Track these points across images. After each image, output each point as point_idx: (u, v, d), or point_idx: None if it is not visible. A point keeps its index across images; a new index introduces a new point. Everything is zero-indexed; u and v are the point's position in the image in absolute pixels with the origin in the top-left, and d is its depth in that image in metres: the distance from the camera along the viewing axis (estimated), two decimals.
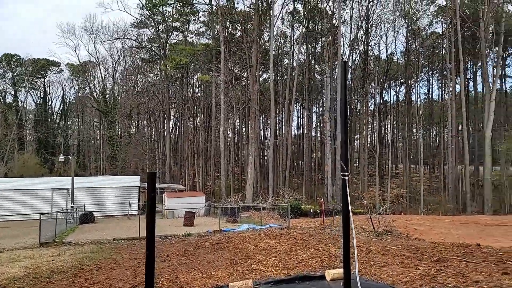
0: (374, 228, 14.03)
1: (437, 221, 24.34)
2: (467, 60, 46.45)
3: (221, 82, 36.58)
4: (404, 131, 51.18)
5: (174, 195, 30.84)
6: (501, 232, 20.04)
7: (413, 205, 39.12)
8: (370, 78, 45.94)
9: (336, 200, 33.98)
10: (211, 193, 52.99)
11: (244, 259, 9.52)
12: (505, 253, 8.05)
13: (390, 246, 9.87)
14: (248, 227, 17.99)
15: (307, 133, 53.31)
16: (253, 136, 36.82)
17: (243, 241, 12.83)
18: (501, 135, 40.09)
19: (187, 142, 52.07)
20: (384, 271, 6.68)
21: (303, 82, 49.95)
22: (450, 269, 6.56)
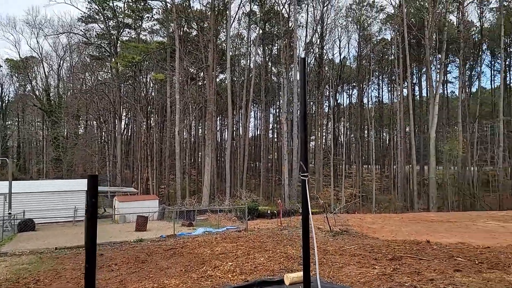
0: (330, 228, 14.15)
1: (388, 219, 25.32)
2: (413, 65, 49.33)
3: (176, 82, 35.50)
4: (357, 133, 53.19)
5: (125, 199, 29.34)
6: (445, 228, 21.25)
7: (365, 204, 40.68)
8: (324, 81, 47.17)
9: (293, 201, 34.35)
10: (165, 196, 51.35)
11: (199, 265, 9.06)
12: (454, 250, 8.34)
13: (347, 246, 9.92)
14: (204, 231, 17.44)
15: (264, 134, 53.57)
16: (210, 137, 36.16)
17: (199, 246, 12.33)
18: (444, 136, 42.99)
19: (140, 144, 50.03)
20: (343, 272, 6.59)
21: (260, 83, 50.12)
22: (405, 267, 6.61)
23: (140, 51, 34.13)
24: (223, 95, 49.73)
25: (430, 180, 35.62)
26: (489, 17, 47.84)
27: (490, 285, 5.17)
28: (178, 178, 37.73)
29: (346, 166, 50.93)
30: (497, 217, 25.38)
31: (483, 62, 50.76)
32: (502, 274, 5.73)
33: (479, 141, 44.71)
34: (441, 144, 39.18)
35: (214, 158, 48.58)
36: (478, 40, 46.82)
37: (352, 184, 47.70)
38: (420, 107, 51.23)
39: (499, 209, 37.67)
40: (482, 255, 7.33)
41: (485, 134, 45.74)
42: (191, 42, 42.41)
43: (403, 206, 37.40)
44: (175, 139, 36.92)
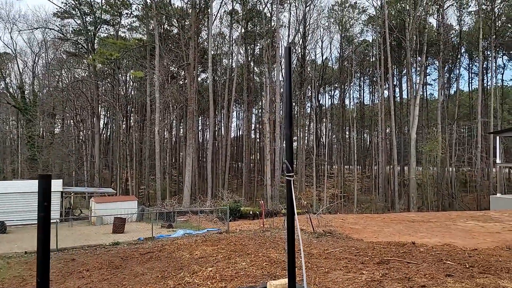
0: (313, 229, 13.84)
1: (370, 220, 25.31)
2: (394, 67, 49.99)
3: (156, 80, 34.61)
4: (339, 134, 53.48)
5: (102, 200, 28.30)
6: (426, 228, 21.34)
7: (347, 204, 40.84)
8: (307, 81, 47.16)
9: (276, 201, 34.05)
10: (145, 197, 50.21)
11: (177, 271, 8.51)
12: (441, 252, 8.11)
13: (331, 249, 9.58)
14: (184, 233, 16.85)
15: (247, 134, 53.14)
16: (191, 136, 35.45)
17: (178, 249, 11.75)
18: (423, 137, 43.70)
19: (119, 143, 48.68)
20: (329, 278, 6.21)
21: (242, 83, 49.67)
22: (394, 272, 6.29)
23: (119, 48, 33.03)
24: (204, 95, 49.02)
25: (411, 180, 36.07)
26: (467, 20, 49.08)
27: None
28: (158, 179, 36.85)
29: (328, 167, 51.11)
30: (476, 217, 25.78)
31: (461, 65, 52.03)
32: (496, 279, 5.46)
33: (457, 142, 45.71)
34: (421, 145, 39.78)
35: (195, 158, 47.77)
36: (457, 43, 47.89)
37: (334, 185, 47.88)
38: (401, 108, 51.99)
39: (477, 208, 38.55)
40: (471, 258, 7.10)
41: (463, 136, 46.82)
42: (172, 40, 41.53)
43: (384, 206, 37.72)
44: (155, 139, 36.03)
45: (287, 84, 3.91)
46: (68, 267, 10.22)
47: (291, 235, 3.61)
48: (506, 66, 54.26)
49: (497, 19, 43.43)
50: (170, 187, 50.48)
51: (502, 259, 6.82)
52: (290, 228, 3.54)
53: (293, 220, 3.37)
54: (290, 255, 3.56)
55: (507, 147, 46.23)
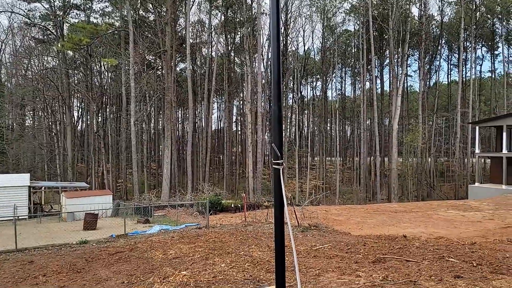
0: (298, 222, 13.07)
1: (353, 211, 24.94)
2: (375, 59, 49.82)
3: (130, 68, 32.92)
4: (321, 125, 53.08)
5: (74, 195, 26.73)
6: (408, 218, 21.10)
7: (329, 195, 40.56)
8: (289, 71, 46.32)
9: (258, 194, 33.28)
10: (123, 191, 48.51)
11: (146, 274, 7.52)
12: (439, 246, 7.42)
13: (319, 244, 8.79)
14: (160, 229, 15.77)
15: (228, 126, 51.97)
16: (169, 128, 34.07)
17: (151, 248, 10.72)
18: (404, 128, 43.85)
19: (93, 135, 46.60)
20: (321, 283, 5.37)
21: (222, 73, 48.34)
22: (393, 273, 5.50)
23: (89, 34, 31.09)
24: (184, 85, 47.40)
25: (392, 171, 36.03)
26: (448, 11, 49.30)
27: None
28: (135, 172, 35.38)
29: (310, 158, 50.73)
30: (456, 206, 25.84)
31: (441, 56, 52.41)
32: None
33: (437, 133, 46.14)
34: (402, 135, 39.82)
35: (175, 151, 46.32)
36: (438, 34, 48.09)
37: (316, 176, 47.57)
38: (382, 100, 52.02)
39: (454, 198, 39.07)
40: (475, 254, 6.41)
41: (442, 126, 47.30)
42: (148, 27, 39.66)
43: (366, 197, 37.64)
44: (131, 130, 34.45)
45: (274, 43, 3.02)
46: (23, 271, 9.02)
47: (279, 232, 2.98)
48: (484, 57, 55.18)
49: (477, 10, 43.79)
50: (148, 181, 48.92)
51: (509, 254, 6.18)
52: (278, 225, 2.93)
53: (282, 215, 2.94)
54: (279, 257, 2.93)
55: (483, 137, 47.08)
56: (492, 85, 51.68)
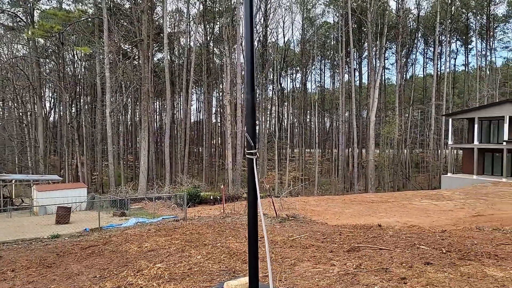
0: (276, 213, 13.11)
1: (331, 201, 25.32)
2: (354, 51, 50.35)
3: (105, 57, 31.91)
4: (300, 117, 53.38)
5: (45, 188, 25.88)
6: (384, 208, 21.62)
7: (308, 186, 41.04)
8: (269, 63, 46.16)
9: (237, 186, 33.25)
10: (98, 183, 47.42)
11: (120, 268, 7.34)
12: (411, 234, 7.59)
13: (296, 235, 8.84)
14: (136, 221, 15.51)
15: (207, 117, 51.48)
16: (146, 119, 33.40)
17: (126, 241, 10.49)
18: (381, 120, 44.72)
19: (67, 127, 45.14)
20: (296, 272, 5.38)
21: (201, 64, 47.68)
22: (367, 261, 5.58)
23: (61, 21, 29.78)
24: (161, 76, 46.52)
25: (369, 162, 36.77)
26: (424, 5, 50.29)
27: (474, 283, 4.21)
28: (111, 164, 34.57)
29: (289, 150, 51.06)
30: (429, 196, 26.67)
31: (418, 50, 53.56)
32: (480, 266, 4.87)
33: (412, 125, 47.32)
34: (380, 127, 40.62)
35: (152, 143, 45.58)
36: (414, 27, 49.02)
37: (296, 168, 47.97)
38: (360, 92, 52.78)
39: (428, 188, 40.34)
40: (445, 241, 6.59)
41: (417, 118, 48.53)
42: (123, 14, 38.41)
43: (344, 187, 38.29)
44: (106, 122, 33.55)
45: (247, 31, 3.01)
46: None
47: (253, 224, 3.00)
48: (458, 51, 56.76)
49: (452, 4, 44.83)
50: (125, 173, 48.03)
51: (477, 241, 6.38)
52: (251, 216, 2.93)
53: (255, 205, 2.92)
54: (252, 248, 2.94)
55: (456, 129, 48.68)
56: (465, 78, 53.36)
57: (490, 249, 5.62)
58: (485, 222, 15.60)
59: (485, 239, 6.54)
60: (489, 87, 43.65)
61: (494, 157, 30.86)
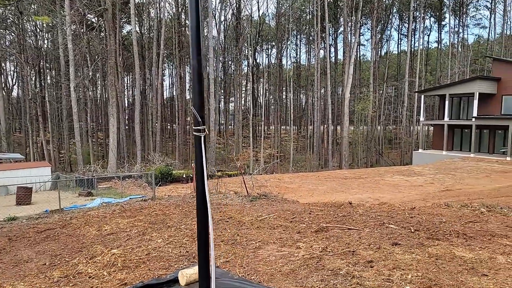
0: (248, 192, 12.78)
1: (305, 178, 25.37)
2: (330, 27, 49.66)
3: (67, 27, 29.82)
4: (276, 94, 52.79)
5: (6, 167, 24.43)
6: (357, 184, 21.86)
7: (283, 163, 41.09)
8: (243, 37, 44.81)
9: (212, 163, 32.73)
10: (66, 162, 45.65)
11: (74, 254, 6.81)
12: (381, 212, 7.40)
13: (265, 214, 8.51)
14: (102, 202, 14.78)
15: (180, 93, 49.96)
16: (114, 94, 31.89)
17: (86, 223, 9.87)
18: (356, 97, 44.88)
19: (29, 102, 42.68)
20: (260, 256, 5.03)
21: (173, 37, 45.71)
22: (334, 242, 5.29)
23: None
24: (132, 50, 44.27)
25: (343, 139, 37.01)
26: None
27: (442, 265, 3.96)
28: (78, 142, 33.10)
29: (265, 127, 50.71)
30: (401, 172, 27.23)
31: (392, 26, 53.48)
32: (448, 246, 4.66)
33: (386, 101, 47.85)
34: (354, 104, 40.78)
35: (123, 119, 43.97)
36: (390, 2, 48.68)
37: (271, 145, 47.84)
38: (335, 68, 52.56)
39: (401, 163, 41.34)
40: (413, 219, 6.41)
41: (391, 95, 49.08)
42: None
43: (318, 164, 38.57)
44: (71, 97, 31.82)
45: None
46: None
47: (202, 207, 2.66)
48: (432, 27, 57.20)
49: None
50: (95, 151, 46.38)
51: (445, 219, 6.23)
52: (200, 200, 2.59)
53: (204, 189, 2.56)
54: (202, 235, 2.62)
55: (428, 106, 49.69)
56: (438, 55, 54.06)
57: (458, 228, 5.46)
58: (453, 196, 15.98)
59: (454, 216, 6.42)
60: (461, 64, 44.47)
61: (463, 133, 31.72)
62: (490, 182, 19.26)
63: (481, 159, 27.83)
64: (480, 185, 18.64)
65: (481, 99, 28.91)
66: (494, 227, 5.32)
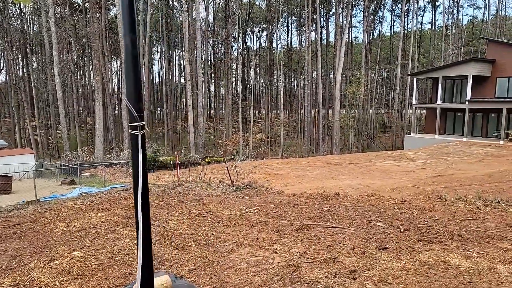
0: (232, 181, 12.23)
1: (295, 164, 24.94)
2: (321, 8, 48.38)
3: (49, 9, 28.45)
4: (266, 77, 51.83)
5: None
6: (348, 170, 21.47)
7: (274, 148, 40.62)
8: (232, 19, 43.47)
9: (201, 149, 32.10)
10: (54, 148, 44.71)
11: (34, 255, 6.21)
12: (369, 207, 6.89)
13: (246, 208, 7.97)
14: (81, 192, 14.16)
15: (169, 77, 48.75)
16: (100, 79, 30.85)
17: (58, 218, 9.22)
18: (348, 80, 44.16)
19: (13, 88, 41.35)
20: (232, 263, 4.48)
21: (161, 20, 44.22)
22: (316, 245, 4.76)
23: None
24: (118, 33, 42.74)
25: (334, 123, 36.52)
26: None
27: (435, 277, 3.45)
28: (63, 128, 32.22)
29: (255, 112, 49.95)
30: (392, 157, 26.89)
31: (385, 7, 52.30)
32: (442, 252, 4.14)
33: (378, 85, 47.23)
34: (346, 87, 40.12)
35: (110, 105, 42.90)
36: None
37: (261, 130, 47.21)
38: (327, 51, 51.57)
39: (392, 148, 41.14)
40: (403, 215, 5.91)
41: (383, 78, 48.43)
42: None
43: (309, 149, 38.16)
44: (55, 82, 30.70)
45: None
46: None
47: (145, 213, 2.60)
48: (425, 8, 56.19)
49: None
50: (82, 137, 45.38)
51: (438, 215, 5.73)
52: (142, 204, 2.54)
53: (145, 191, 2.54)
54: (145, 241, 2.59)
55: (421, 89, 49.25)
56: (431, 37, 53.24)
57: (453, 227, 4.95)
58: (445, 182, 15.62)
59: (447, 212, 5.92)
60: (454, 46, 43.79)
61: (456, 117, 31.37)
62: (483, 167, 18.97)
63: (474, 143, 27.56)
64: (473, 170, 18.34)
65: (475, 82, 28.46)
66: (492, 227, 4.81)
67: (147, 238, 2.88)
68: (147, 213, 2.84)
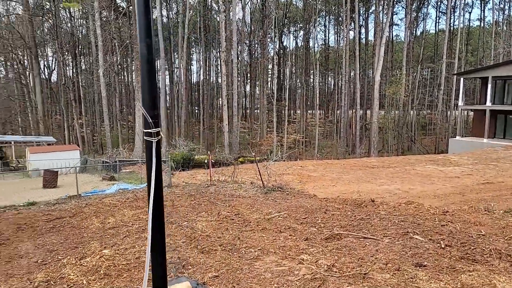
0: (263, 183, 12.08)
1: (329, 166, 24.31)
2: (360, 6, 46.95)
3: (95, 12, 29.88)
4: (302, 77, 51.15)
5: (38, 150, 25.28)
6: (385, 174, 20.54)
7: (308, 149, 39.98)
8: (269, 19, 43.31)
9: (235, 149, 32.26)
10: (98, 145, 46.99)
11: (69, 251, 6.43)
12: (406, 216, 6.45)
13: (276, 212, 7.78)
14: (118, 188, 14.64)
15: (206, 77, 49.55)
16: (139, 80, 31.86)
17: (94, 213, 9.58)
18: (387, 80, 42.49)
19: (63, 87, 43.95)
20: (255, 271, 4.33)
21: (199, 21, 45.02)
22: (345, 257, 4.48)
23: None
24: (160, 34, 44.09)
25: (372, 124, 35.26)
26: None
27: None
28: (106, 126, 33.72)
29: (291, 112, 49.48)
30: (435, 161, 25.46)
31: (430, 2, 49.67)
32: (489, 275, 3.72)
33: (420, 84, 45.04)
34: (385, 88, 38.62)
35: None
36: None
37: (296, 130, 46.66)
38: (366, 50, 49.96)
39: (435, 151, 39.07)
40: (444, 228, 5.44)
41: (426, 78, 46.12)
42: None
43: (345, 151, 37.14)
44: (100, 82, 32.20)
45: None
46: None
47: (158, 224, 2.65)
48: (474, 4, 52.78)
49: None
50: (124, 135, 47.30)
51: (485, 230, 5.22)
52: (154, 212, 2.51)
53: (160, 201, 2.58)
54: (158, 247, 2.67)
55: (468, 89, 46.38)
56: (480, 34, 49.92)
57: (501, 245, 4.46)
58: (494, 190, 14.46)
59: (495, 227, 5.38)
60: (505, 44, 40.71)
61: (507, 120, 29.17)
62: None
63: None
64: None
65: None
66: None
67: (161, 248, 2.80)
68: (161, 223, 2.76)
